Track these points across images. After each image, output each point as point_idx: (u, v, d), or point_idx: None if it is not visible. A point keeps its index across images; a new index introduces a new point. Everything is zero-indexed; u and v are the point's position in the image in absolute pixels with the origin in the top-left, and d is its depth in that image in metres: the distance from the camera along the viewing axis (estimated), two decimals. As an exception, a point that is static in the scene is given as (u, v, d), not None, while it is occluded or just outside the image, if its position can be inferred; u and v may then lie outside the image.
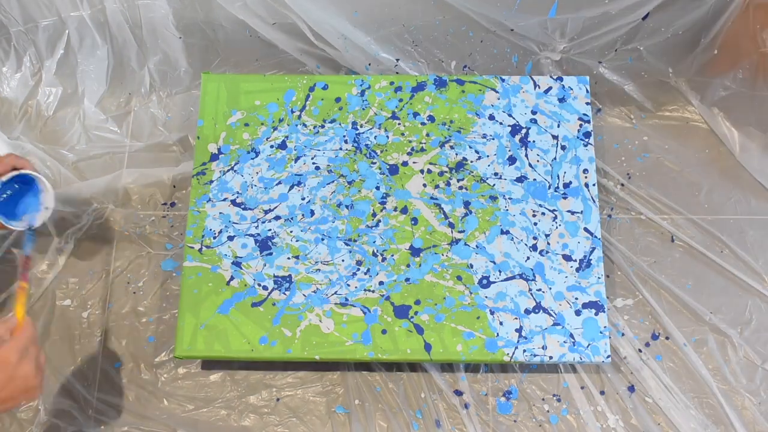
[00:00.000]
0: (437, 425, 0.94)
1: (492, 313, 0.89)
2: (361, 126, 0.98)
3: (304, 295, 0.90)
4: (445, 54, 1.08)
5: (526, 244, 0.92)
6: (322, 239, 0.93)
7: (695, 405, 0.94)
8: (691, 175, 1.07)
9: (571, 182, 0.95)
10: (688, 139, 1.09)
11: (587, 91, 0.99)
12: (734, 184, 1.06)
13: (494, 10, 0.99)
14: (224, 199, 0.95)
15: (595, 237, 0.92)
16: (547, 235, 0.92)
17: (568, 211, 0.94)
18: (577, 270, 0.91)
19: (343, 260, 0.92)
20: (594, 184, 0.94)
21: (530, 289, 0.90)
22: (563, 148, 0.96)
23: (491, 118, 0.98)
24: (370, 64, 1.07)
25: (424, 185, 0.95)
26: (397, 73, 1.08)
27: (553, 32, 1.02)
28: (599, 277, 0.90)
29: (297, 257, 0.92)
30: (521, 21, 1.00)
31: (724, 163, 1.07)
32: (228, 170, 0.97)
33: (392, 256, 0.92)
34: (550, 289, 0.90)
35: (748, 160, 1.05)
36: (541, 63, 1.08)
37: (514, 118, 0.98)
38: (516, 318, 0.89)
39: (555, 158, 0.96)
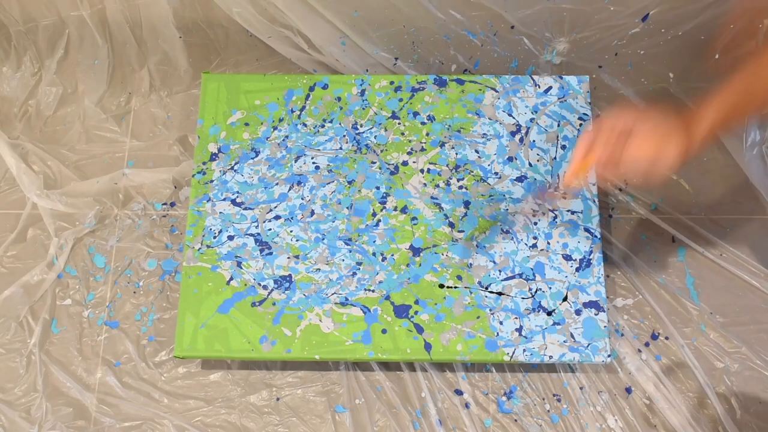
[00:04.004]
0: (437, 425, 0.94)
1: (492, 312, 0.89)
2: (361, 126, 0.98)
3: (304, 294, 0.91)
4: (445, 57, 1.08)
5: (526, 244, 0.92)
6: (322, 239, 0.93)
7: (693, 406, 0.94)
8: (690, 181, 1.06)
9: (571, 182, 0.95)
10: (687, 143, 1.08)
11: (587, 90, 0.99)
12: (734, 189, 1.05)
13: (495, 1, 0.98)
14: (224, 199, 0.95)
15: (595, 237, 0.92)
16: (547, 235, 0.92)
17: (568, 211, 0.94)
18: (577, 270, 0.91)
19: (343, 260, 0.92)
20: (594, 184, 0.94)
21: (530, 289, 0.90)
22: (563, 147, 0.96)
23: (491, 118, 0.98)
24: (368, 70, 1.07)
25: (424, 185, 0.95)
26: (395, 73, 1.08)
27: (553, 29, 1.02)
28: (599, 277, 0.90)
29: (297, 257, 0.92)
30: (521, 11, 0.99)
31: (723, 170, 1.06)
32: (228, 170, 0.97)
33: (392, 255, 0.92)
34: (550, 288, 0.90)
35: (748, 166, 1.05)
36: (541, 67, 1.07)
37: (514, 118, 0.98)
38: (516, 318, 0.89)
39: (555, 158, 0.96)
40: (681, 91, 1.08)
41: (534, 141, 0.97)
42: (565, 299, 0.90)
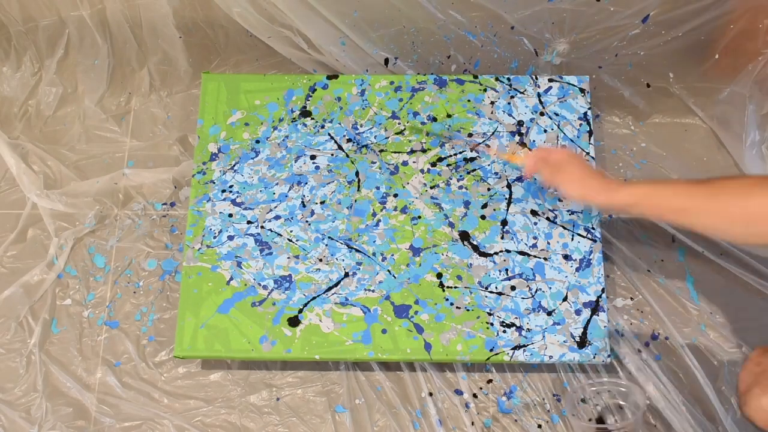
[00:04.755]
0: (437, 425, 0.94)
1: (492, 312, 0.89)
2: (361, 126, 0.98)
3: (304, 294, 0.91)
4: (445, 58, 1.08)
5: (526, 244, 0.92)
6: (322, 239, 0.93)
7: (693, 406, 0.94)
8: (690, 182, 1.06)
9: (571, 182, 0.95)
10: (686, 145, 1.08)
11: (587, 90, 0.99)
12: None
13: (495, 2, 0.98)
14: (224, 199, 0.95)
15: (595, 237, 0.92)
16: (547, 235, 0.92)
17: (568, 211, 0.94)
18: (577, 270, 0.91)
19: (343, 260, 0.92)
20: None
21: (530, 289, 0.90)
22: (563, 147, 0.96)
23: (491, 118, 0.98)
24: (367, 70, 1.07)
25: (424, 185, 0.95)
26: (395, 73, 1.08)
27: (553, 29, 1.02)
28: (599, 277, 0.90)
29: (297, 257, 0.92)
30: (521, 12, 0.99)
31: (723, 170, 1.06)
32: (228, 170, 0.97)
33: (392, 255, 0.92)
34: (550, 288, 0.90)
35: (748, 167, 1.05)
36: (541, 68, 1.07)
37: (514, 118, 0.98)
38: (516, 318, 0.89)
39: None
40: (681, 90, 1.08)
41: (534, 141, 0.97)
42: (565, 299, 0.90)
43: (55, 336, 1.00)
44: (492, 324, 0.89)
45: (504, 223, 0.93)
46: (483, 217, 0.93)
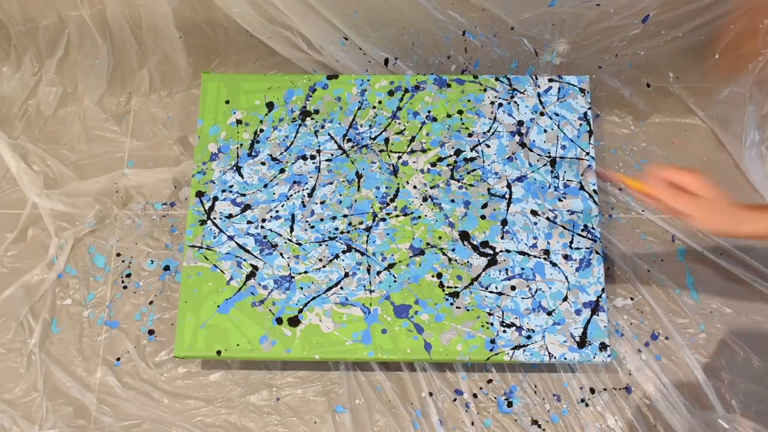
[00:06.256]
0: (437, 425, 0.94)
1: (492, 313, 0.89)
2: (361, 126, 0.98)
3: (304, 294, 0.91)
4: (445, 58, 1.08)
5: (526, 244, 0.92)
6: (322, 239, 0.93)
7: (693, 406, 0.94)
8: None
9: (571, 182, 0.95)
10: (686, 145, 1.08)
11: (587, 90, 0.99)
12: (733, 190, 1.05)
13: (495, 4, 0.98)
14: (224, 199, 0.95)
15: (595, 237, 0.92)
16: (547, 235, 0.92)
17: (568, 211, 0.94)
18: (577, 270, 0.91)
19: (343, 260, 0.92)
20: (594, 184, 0.94)
21: (530, 289, 0.90)
22: (563, 147, 0.97)
23: (491, 117, 0.98)
24: (367, 70, 1.07)
25: (425, 185, 0.95)
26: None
27: (553, 30, 1.02)
28: (599, 277, 0.90)
29: (297, 257, 0.92)
30: (521, 14, 0.99)
31: (723, 170, 1.06)
32: (228, 170, 0.97)
33: (392, 255, 0.92)
34: (550, 288, 0.90)
35: (748, 167, 1.05)
36: (541, 68, 1.07)
37: (514, 118, 0.98)
38: (516, 318, 0.89)
39: (555, 158, 0.96)
40: (681, 90, 1.08)
41: (534, 141, 0.97)
42: (565, 299, 0.90)
43: (56, 336, 1.00)
44: (492, 324, 0.89)
45: (504, 223, 0.93)
46: (483, 217, 0.93)
